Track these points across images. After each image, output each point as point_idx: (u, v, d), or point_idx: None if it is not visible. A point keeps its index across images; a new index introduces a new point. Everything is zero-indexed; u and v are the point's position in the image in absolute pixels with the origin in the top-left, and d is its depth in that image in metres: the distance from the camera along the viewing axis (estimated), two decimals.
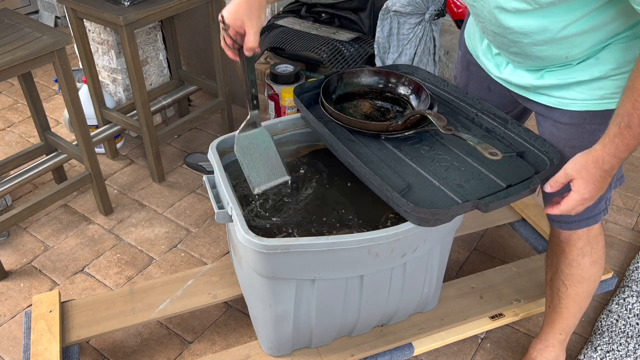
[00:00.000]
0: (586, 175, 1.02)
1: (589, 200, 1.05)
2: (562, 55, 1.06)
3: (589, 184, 1.02)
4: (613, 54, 1.04)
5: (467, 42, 1.36)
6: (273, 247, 1.14)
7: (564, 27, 0.99)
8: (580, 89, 1.10)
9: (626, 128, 0.95)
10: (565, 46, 1.04)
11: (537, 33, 1.02)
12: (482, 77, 1.32)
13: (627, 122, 0.95)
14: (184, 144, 2.59)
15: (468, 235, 2.00)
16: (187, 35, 2.60)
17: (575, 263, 1.34)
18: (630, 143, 0.97)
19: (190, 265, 1.97)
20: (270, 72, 2.54)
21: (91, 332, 1.53)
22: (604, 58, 1.05)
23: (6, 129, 2.70)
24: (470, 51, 1.34)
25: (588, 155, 1.02)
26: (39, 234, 2.10)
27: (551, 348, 1.53)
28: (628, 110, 0.94)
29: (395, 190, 1.12)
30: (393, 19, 2.35)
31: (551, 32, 1.01)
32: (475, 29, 1.30)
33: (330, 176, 1.46)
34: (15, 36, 1.72)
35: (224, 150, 1.42)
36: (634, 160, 2.46)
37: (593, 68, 1.07)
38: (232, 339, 1.72)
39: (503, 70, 1.23)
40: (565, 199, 1.07)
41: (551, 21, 0.99)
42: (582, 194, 1.04)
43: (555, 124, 1.19)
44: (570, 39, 1.02)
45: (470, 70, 1.37)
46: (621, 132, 0.96)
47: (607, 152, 0.99)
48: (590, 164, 1.01)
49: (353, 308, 1.38)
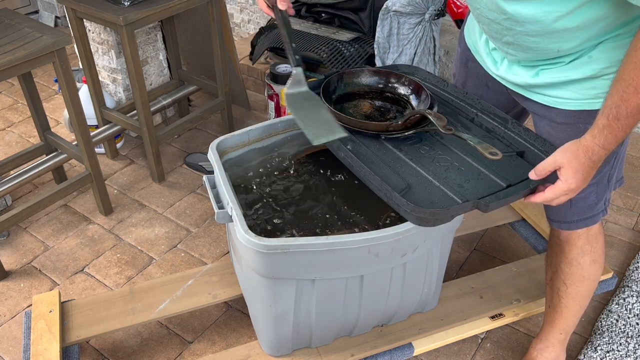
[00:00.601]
0: (576, 164, 1.01)
1: (574, 191, 1.04)
2: (554, 49, 1.06)
3: (578, 173, 1.01)
4: (605, 53, 1.04)
5: (466, 38, 1.36)
6: (273, 247, 1.14)
7: (556, 19, 0.99)
8: (573, 88, 1.11)
9: (614, 120, 0.95)
10: (557, 39, 1.03)
11: (530, 23, 1.02)
12: (480, 73, 1.32)
13: (616, 113, 0.94)
14: (184, 144, 2.59)
15: (468, 235, 2.00)
16: (187, 35, 2.60)
17: (575, 262, 1.34)
18: (619, 135, 0.96)
19: (190, 265, 1.97)
20: (270, 72, 2.54)
21: (91, 332, 1.53)
22: (597, 57, 1.05)
23: (6, 129, 2.70)
24: (469, 47, 1.34)
25: (579, 144, 1.01)
26: (39, 234, 2.10)
27: (551, 348, 1.53)
28: (616, 102, 0.94)
29: (395, 190, 1.12)
30: (393, 19, 2.35)
31: (543, 23, 1.01)
32: (475, 24, 1.30)
33: (330, 176, 1.46)
34: (15, 36, 1.72)
35: (224, 150, 1.42)
36: (633, 160, 2.46)
37: (586, 66, 1.07)
38: (232, 339, 1.72)
39: (500, 66, 1.23)
40: (550, 187, 1.06)
41: (543, 11, 0.99)
42: (569, 184, 1.02)
43: (551, 123, 1.19)
44: (562, 33, 1.01)
45: (469, 67, 1.37)
46: (610, 124, 0.96)
47: (597, 142, 0.98)
48: (581, 152, 1.00)
49: (353, 308, 1.38)
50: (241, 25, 3.43)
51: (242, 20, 3.40)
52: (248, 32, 3.40)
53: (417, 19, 2.33)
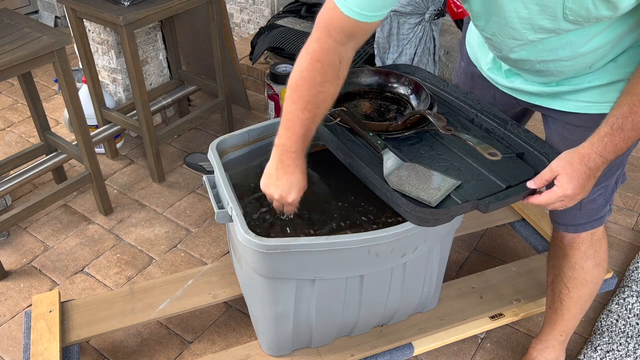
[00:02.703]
0: (570, 170, 1.01)
1: (570, 198, 1.03)
2: (586, 66, 1.05)
3: (573, 179, 1.01)
4: (633, 58, 1.03)
5: (469, 54, 1.34)
6: (273, 247, 1.14)
7: (589, 40, 0.99)
8: (597, 92, 1.10)
9: (618, 130, 0.95)
10: (590, 58, 1.03)
11: (561, 48, 1.01)
12: (486, 86, 1.31)
13: (621, 124, 0.94)
14: (184, 144, 2.59)
15: (468, 235, 2.00)
16: (187, 35, 2.60)
17: (578, 266, 1.34)
18: (619, 145, 0.96)
19: (190, 265, 1.97)
20: (270, 72, 2.54)
21: (91, 332, 1.53)
22: (623, 62, 1.04)
23: (6, 129, 2.70)
24: (474, 62, 1.33)
25: (574, 152, 1.01)
26: (39, 234, 2.10)
27: (551, 348, 1.53)
28: (624, 113, 0.94)
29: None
30: (393, 19, 2.35)
31: (575, 45, 1.00)
32: (476, 42, 1.29)
33: (330, 176, 1.45)
34: (15, 36, 1.72)
35: (224, 150, 1.42)
36: (633, 160, 2.46)
37: (612, 72, 1.06)
38: (232, 339, 1.72)
39: (514, 81, 1.22)
40: (546, 192, 1.06)
41: (576, 35, 0.98)
42: (564, 189, 1.02)
43: (566, 125, 1.18)
44: (595, 52, 1.01)
45: (475, 80, 1.36)
46: (612, 133, 0.95)
47: (594, 150, 0.98)
48: (575, 159, 1.00)
49: (353, 308, 1.38)
50: (241, 25, 3.43)
51: (242, 20, 3.40)
52: (248, 32, 3.40)
53: (417, 19, 2.33)
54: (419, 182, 1.14)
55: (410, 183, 1.14)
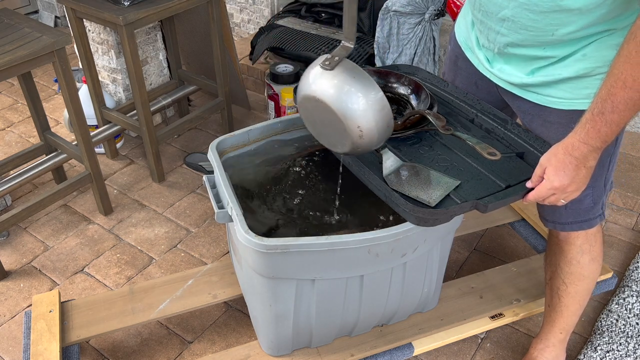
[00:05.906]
0: (555, 162, 1.02)
1: (560, 190, 1.04)
2: (549, 32, 1.05)
3: (559, 171, 1.02)
4: (600, 52, 1.04)
5: (457, 34, 1.36)
6: (273, 247, 1.14)
7: None
8: (567, 87, 1.11)
9: (599, 114, 0.94)
10: (556, 21, 1.02)
11: None
12: (470, 72, 1.32)
13: (600, 108, 0.94)
14: (184, 144, 2.59)
15: (468, 235, 2.00)
16: (187, 35, 2.60)
17: (574, 261, 1.35)
18: (602, 130, 0.95)
19: (190, 265, 1.97)
20: (270, 72, 2.55)
21: (91, 332, 1.53)
22: (591, 55, 1.05)
23: (6, 129, 2.70)
24: (460, 43, 1.34)
25: (560, 144, 1.02)
26: (39, 234, 2.10)
27: (551, 348, 1.54)
28: (602, 96, 0.93)
29: None
30: (393, 18, 2.35)
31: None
32: (466, 18, 1.30)
33: (330, 176, 1.46)
34: (15, 36, 1.72)
35: (224, 150, 1.42)
36: (633, 160, 2.46)
37: (579, 64, 1.07)
38: (232, 339, 1.72)
39: (493, 64, 1.23)
40: (536, 187, 1.07)
41: None
42: (551, 182, 1.03)
43: (544, 123, 1.20)
44: (563, 13, 1.00)
45: (458, 65, 1.37)
46: (593, 118, 0.95)
47: (577, 138, 0.99)
48: (560, 151, 1.01)
49: (353, 308, 1.38)
50: (241, 25, 3.43)
51: (242, 20, 3.40)
52: (248, 32, 3.40)
53: (417, 19, 2.34)
54: (418, 182, 1.14)
55: (410, 183, 1.14)
